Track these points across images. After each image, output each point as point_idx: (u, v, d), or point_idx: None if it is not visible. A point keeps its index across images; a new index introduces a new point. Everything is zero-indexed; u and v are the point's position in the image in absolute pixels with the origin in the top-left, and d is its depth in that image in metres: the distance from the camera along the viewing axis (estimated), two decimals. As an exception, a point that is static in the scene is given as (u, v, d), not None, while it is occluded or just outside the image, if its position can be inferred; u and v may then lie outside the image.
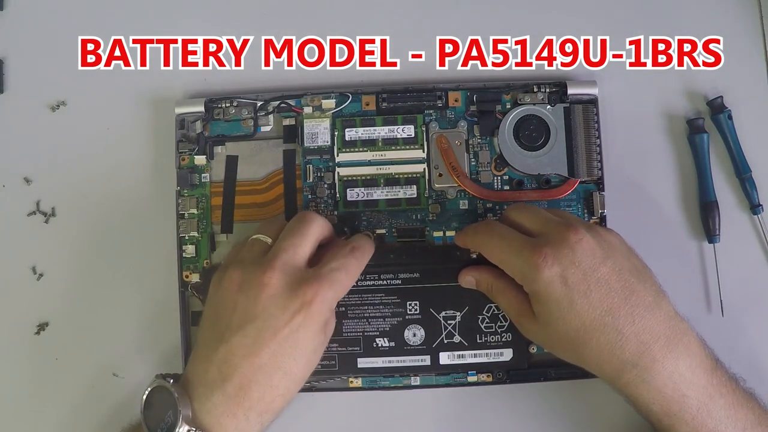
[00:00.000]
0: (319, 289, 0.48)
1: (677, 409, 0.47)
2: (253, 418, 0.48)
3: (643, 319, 0.47)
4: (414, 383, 0.56)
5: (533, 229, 0.50)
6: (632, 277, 0.48)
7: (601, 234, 0.49)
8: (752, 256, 0.58)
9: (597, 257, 0.48)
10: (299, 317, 0.48)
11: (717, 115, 0.58)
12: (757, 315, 0.57)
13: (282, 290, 0.48)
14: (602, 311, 0.47)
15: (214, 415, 0.47)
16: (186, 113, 0.58)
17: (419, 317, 0.55)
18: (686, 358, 0.47)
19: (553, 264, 0.47)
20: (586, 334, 0.47)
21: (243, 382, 0.47)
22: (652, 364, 0.47)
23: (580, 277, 0.47)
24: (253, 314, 0.48)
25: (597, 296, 0.47)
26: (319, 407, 0.58)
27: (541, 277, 0.47)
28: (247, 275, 0.49)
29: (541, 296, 0.48)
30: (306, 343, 0.48)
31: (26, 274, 0.60)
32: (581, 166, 0.56)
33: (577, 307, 0.47)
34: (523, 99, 0.57)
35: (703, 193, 0.58)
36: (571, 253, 0.47)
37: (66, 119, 0.61)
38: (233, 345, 0.48)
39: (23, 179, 0.60)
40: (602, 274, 0.47)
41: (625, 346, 0.47)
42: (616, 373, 0.48)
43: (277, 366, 0.48)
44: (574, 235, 0.48)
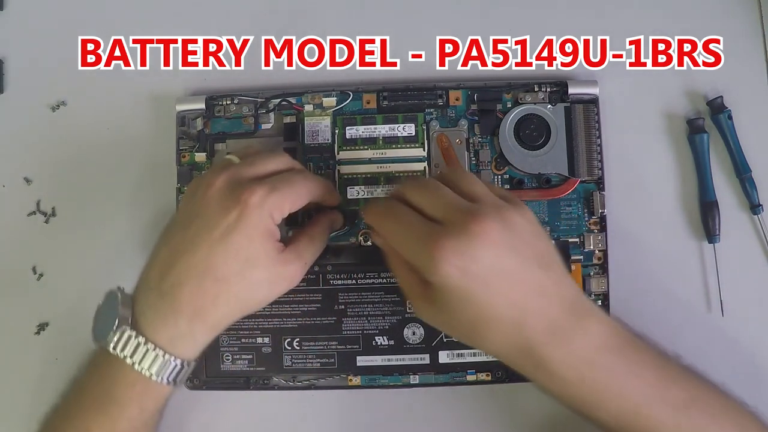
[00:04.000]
0: (258, 191, 0.48)
1: (582, 394, 0.47)
2: (182, 323, 0.48)
3: (542, 308, 0.46)
4: (413, 382, 0.56)
5: (434, 214, 0.47)
6: (534, 265, 0.46)
7: (506, 217, 0.46)
8: (752, 256, 0.58)
9: (500, 248, 0.45)
10: (234, 217, 0.47)
11: (717, 115, 0.58)
12: (757, 315, 0.57)
13: (224, 191, 0.48)
14: (503, 303, 0.46)
15: (148, 317, 0.48)
16: (187, 110, 0.58)
17: (419, 316, 0.55)
18: (584, 340, 0.46)
19: (452, 257, 0.45)
20: (484, 325, 0.46)
21: (175, 281, 0.48)
22: (549, 349, 0.46)
23: (480, 270, 0.45)
24: (195, 213, 0.49)
25: (497, 289, 0.46)
26: (318, 405, 0.58)
27: (440, 271, 0.45)
28: (202, 180, 0.50)
29: (439, 287, 0.46)
30: (241, 248, 0.48)
31: (26, 274, 0.60)
32: (581, 166, 0.56)
33: (476, 299, 0.46)
34: (524, 98, 0.57)
35: (703, 193, 0.58)
36: (471, 245, 0.45)
37: (66, 119, 0.61)
38: (175, 243, 0.49)
39: (23, 179, 0.61)
40: (503, 266, 0.46)
41: (524, 334, 0.46)
42: (515, 360, 0.47)
43: (210, 268, 0.48)
44: (475, 226, 0.45)
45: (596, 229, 0.56)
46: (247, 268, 0.48)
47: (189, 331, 0.48)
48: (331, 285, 0.56)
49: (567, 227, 0.56)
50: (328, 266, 0.56)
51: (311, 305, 0.56)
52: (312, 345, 0.56)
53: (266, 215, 0.48)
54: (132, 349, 0.48)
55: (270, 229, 0.49)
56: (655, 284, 0.57)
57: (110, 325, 0.48)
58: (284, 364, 0.56)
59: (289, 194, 0.49)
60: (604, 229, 0.56)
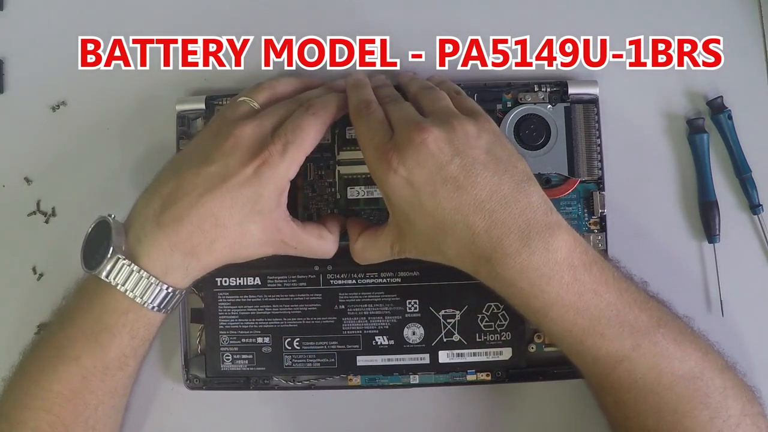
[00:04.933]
0: (276, 147, 0.49)
1: (539, 305, 0.47)
2: (177, 257, 0.49)
3: (494, 214, 0.46)
4: (413, 382, 0.56)
5: (392, 126, 0.49)
6: (486, 170, 0.47)
7: (454, 126, 0.47)
8: (752, 256, 0.58)
9: (444, 155, 0.46)
10: (251, 171, 0.49)
11: (717, 115, 0.58)
12: (757, 315, 0.57)
13: (247, 146, 0.49)
14: (451, 210, 0.46)
15: (144, 245, 0.49)
16: (187, 110, 0.58)
17: (419, 315, 0.55)
18: (544, 253, 0.46)
19: (398, 167, 0.47)
20: (441, 233, 0.47)
21: (177, 216, 0.49)
22: (504, 258, 0.46)
23: (425, 178, 0.46)
24: (212, 158, 0.49)
25: (445, 195, 0.46)
26: (318, 405, 0.58)
27: (388, 181, 0.47)
28: (224, 128, 0.50)
29: (391, 199, 0.48)
30: (248, 201, 0.49)
31: (26, 274, 0.60)
32: (581, 166, 0.56)
33: (426, 207, 0.47)
34: (524, 98, 0.57)
35: (703, 193, 0.58)
36: (415, 153, 0.46)
37: (66, 119, 0.61)
38: (184, 180, 0.49)
39: (23, 179, 0.60)
40: (449, 172, 0.46)
41: (477, 242, 0.46)
42: (473, 267, 0.48)
43: (213, 213, 0.49)
44: (418, 135, 0.47)
45: (596, 229, 0.56)
46: (247, 222, 0.49)
47: (183, 264, 0.49)
48: (331, 285, 0.56)
49: (567, 227, 0.56)
50: (328, 266, 0.56)
51: (311, 305, 0.56)
52: (312, 345, 0.56)
53: (282, 173, 0.49)
54: (125, 276, 0.49)
55: (281, 186, 0.50)
56: (655, 284, 0.56)
57: (104, 253, 0.49)
58: (284, 364, 0.56)
59: (301, 144, 0.50)
60: (604, 229, 0.56)
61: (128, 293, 0.49)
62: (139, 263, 0.49)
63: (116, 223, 0.50)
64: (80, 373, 0.50)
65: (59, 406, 0.50)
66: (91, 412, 0.51)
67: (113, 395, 0.52)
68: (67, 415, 0.50)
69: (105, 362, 0.50)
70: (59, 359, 0.50)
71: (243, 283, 0.56)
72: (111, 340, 0.49)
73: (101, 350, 0.50)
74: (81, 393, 0.50)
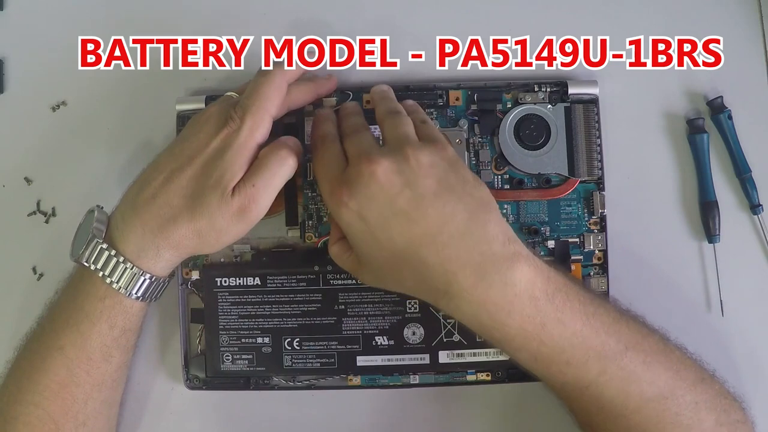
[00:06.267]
0: (235, 117, 0.49)
1: (501, 337, 0.47)
2: (148, 237, 0.49)
3: (447, 248, 0.45)
4: (413, 382, 0.56)
5: (347, 159, 0.49)
6: (438, 201, 0.46)
7: (409, 156, 0.46)
8: (752, 256, 0.58)
9: (394, 187, 0.46)
10: (218, 144, 0.49)
11: (717, 115, 0.58)
12: (757, 315, 0.57)
13: (214, 121, 0.50)
14: (403, 243, 0.46)
15: (120, 229, 0.50)
16: (187, 110, 0.58)
17: (419, 316, 0.55)
18: (501, 287, 0.45)
19: (348, 201, 0.46)
20: (396, 266, 0.47)
21: (149, 196, 0.49)
22: (460, 293, 0.45)
23: (376, 212, 0.46)
24: (185, 138, 0.51)
25: (396, 229, 0.46)
26: (318, 405, 0.58)
27: (341, 215, 0.47)
28: (203, 114, 0.52)
29: (348, 233, 0.48)
30: (216, 171, 0.49)
31: (26, 274, 0.60)
32: (582, 166, 0.56)
33: (380, 241, 0.46)
34: (524, 98, 0.57)
35: (703, 193, 0.58)
36: (365, 188, 0.46)
37: (66, 119, 0.61)
38: (159, 162, 0.51)
39: (23, 179, 0.60)
40: (399, 205, 0.46)
41: (433, 275, 0.46)
42: (433, 299, 0.48)
43: (183, 185, 0.49)
44: (367, 167, 0.46)
45: (596, 229, 0.56)
46: (218, 202, 0.49)
47: (153, 245, 0.49)
48: (331, 285, 0.56)
49: (567, 227, 0.56)
50: (328, 266, 0.56)
51: (311, 305, 0.56)
52: (312, 345, 0.56)
53: (245, 136, 0.49)
54: (103, 261, 0.49)
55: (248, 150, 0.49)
56: (655, 284, 0.57)
57: (84, 239, 0.50)
58: (284, 364, 0.56)
59: (259, 106, 0.50)
60: (604, 229, 0.56)
61: (106, 279, 0.49)
62: (116, 247, 0.49)
63: (100, 212, 0.51)
64: (65, 364, 0.50)
65: (48, 400, 0.50)
66: (81, 406, 0.51)
67: (101, 389, 0.52)
68: (56, 410, 0.50)
69: (87, 352, 0.50)
70: (47, 351, 0.50)
71: (243, 283, 0.56)
72: (91, 328, 0.50)
73: (83, 339, 0.50)
74: (68, 386, 0.50)
